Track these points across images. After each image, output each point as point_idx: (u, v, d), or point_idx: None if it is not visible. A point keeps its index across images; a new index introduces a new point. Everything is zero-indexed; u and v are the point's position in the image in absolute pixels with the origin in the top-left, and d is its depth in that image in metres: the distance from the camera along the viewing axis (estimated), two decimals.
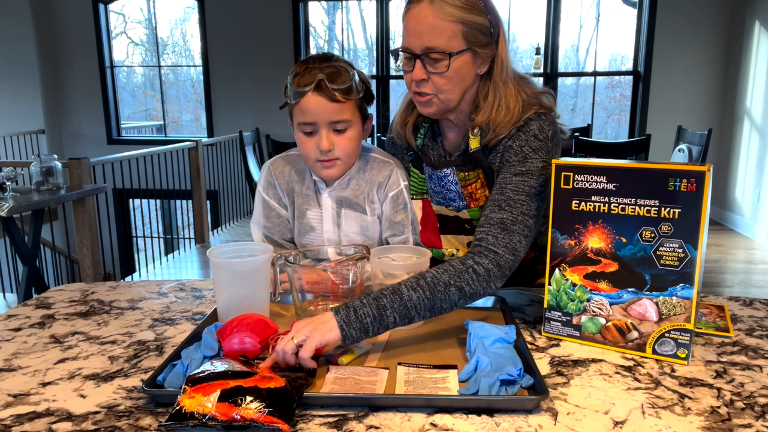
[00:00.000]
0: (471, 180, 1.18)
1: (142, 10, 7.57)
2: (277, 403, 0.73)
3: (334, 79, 1.14)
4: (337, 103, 1.15)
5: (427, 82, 1.10)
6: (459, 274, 0.99)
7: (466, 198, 1.20)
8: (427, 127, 1.25)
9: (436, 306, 0.97)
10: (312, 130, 1.17)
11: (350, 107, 1.17)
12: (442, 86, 1.10)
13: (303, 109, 1.15)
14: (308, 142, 1.19)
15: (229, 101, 6.48)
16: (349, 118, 1.18)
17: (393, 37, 6.35)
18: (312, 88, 1.13)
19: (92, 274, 3.72)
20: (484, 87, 1.14)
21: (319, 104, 1.14)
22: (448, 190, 1.22)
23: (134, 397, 0.82)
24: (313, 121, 1.16)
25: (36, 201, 3.19)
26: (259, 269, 1.05)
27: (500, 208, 1.07)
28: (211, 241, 5.26)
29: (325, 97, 1.14)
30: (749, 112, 5.13)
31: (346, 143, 1.19)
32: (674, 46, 5.57)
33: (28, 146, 6.42)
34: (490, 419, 0.76)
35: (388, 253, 1.11)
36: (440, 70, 1.08)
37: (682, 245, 0.89)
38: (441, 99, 1.12)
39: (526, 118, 1.12)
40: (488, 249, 1.02)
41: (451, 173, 1.20)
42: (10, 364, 0.94)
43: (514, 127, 1.12)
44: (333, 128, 1.17)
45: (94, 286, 1.34)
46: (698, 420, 0.76)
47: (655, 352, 0.93)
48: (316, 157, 1.19)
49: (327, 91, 1.13)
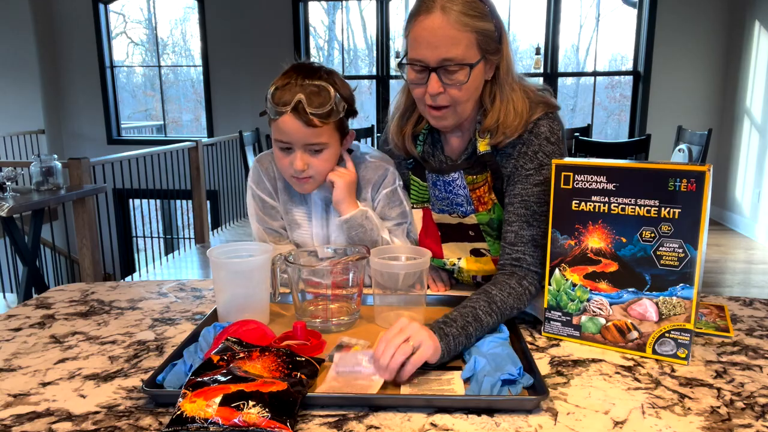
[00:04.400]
0: (479, 183, 1.16)
1: (142, 10, 7.57)
2: (279, 407, 0.73)
3: (312, 101, 1.10)
4: (314, 128, 1.11)
5: (443, 95, 1.07)
6: (519, 297, 1.04)
7: (474, 202, 1.18)
8: (426, 134, 1.23)
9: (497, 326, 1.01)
10: (287, 147, 1.15)
11: (327, 130, 1.13)
12: (460, 98, 1.08)
13: (280, 128, 1.13)
14: (283, 158, 1.17)
15: (229, 101, 6.48)
16: (326, 141, 1.14)
17: (393, 37, 6.35)
18: (289, 109, 1.10)
19: (92, 274, 3.72)
20: (490, 90, 1.13)
21: (294, 127, 1.11)
22: (455, 194, 1.19)
23: (134, 397, 0.82)
24: (288, 141, 1.14)
25: (36, 201, 3.19)
26: (259, 269, 1.05)
27: (529, 224, 1.09)
28: (211, 241, 5.26)
29: (301, 121, 1.10)
30: (749, 112, 5.13)
31: (321, 164, 1.17)
32: (674, 46, 5.57)
33: (28, 146, 6.42)
34: (490, 419, 0.76)
35: (388, 253, 1.11)
36: (458, 81, 1.05)
37: (682, 245, 0.89)
38: (458, 111, 1.10)
39: (535, 118, 1.11)
40: (530, 270, 1.08)
41: (459, 177, 1.17)
42: (10, 364, 0.94)
43: (525, 130, 1.11)
44: (309, 149, 1.15)
45: (94, 286, 1.34)
46: (698, 420, 0.76)
47: (655, 352, 0.93)
48: (290, 173, 1.18)
49: (304, 114, 1.09)
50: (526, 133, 1.11)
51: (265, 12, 6.20)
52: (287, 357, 0.84)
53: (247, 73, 6.34)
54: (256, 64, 6.30)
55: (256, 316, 1.03)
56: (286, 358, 0.84)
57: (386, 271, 1.05)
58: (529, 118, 1.11)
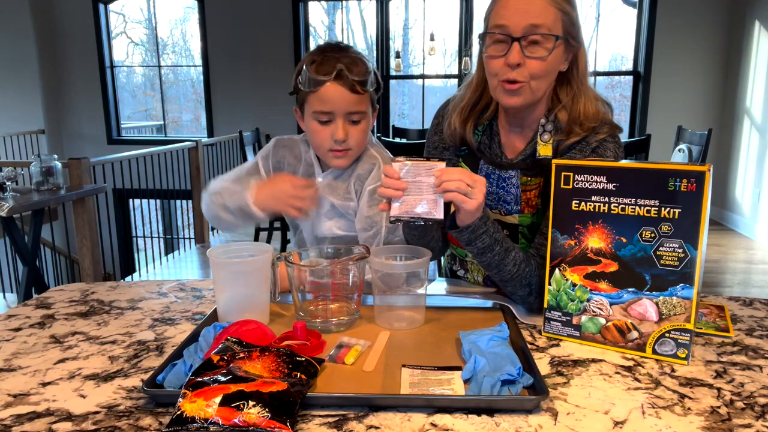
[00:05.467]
0: (531, 186, 1.16)
1: (142, 10, 7.57)
2: (279, 407, 0.73)
3: (353, 70, 1.15)
4: (356, 94, 1.16)
5: (521, 67, 1.05)
6: (530, 260, 1.11)
7: (522, 203, 1.17)
8: (485, 127, 1.21)
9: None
10: (328, 119, 1.18)
11: (366, 99, 1.19)
12: (538, 72, 1.05)
13: (322, 97, 1.16)
14: (322, 130, 1.19)
15: (229, 101, 6.48)
16: (365, 110, 1.19)
17: (393, 37, 6.35)
18: (332, 77, 1.14)
19: (92, 274, 3.72)
20: (565, 85, 1.12)
21: (338, 94, 1.15)
22: (506, 192, 1.18)
23: (134, 397, 0.82)
24: (331, 110, 1.17)
25: (36, 201, 3.19)
26: (259, 269, 1.05)
27: None
28: (211, 241, 5.26)
29: (345, 86, 1.15)
30: (749, 112, 5.13)
31: (359, 134, 1.21)
32: (674, 46, 5.57)
33: (28, 146, 6.42)
34: (490, 419, 0.76)
35: (388, 253, 1.11)
36: (540, 55, 1.04)
37: (682, 245, 0.89)
38: (533, 87, 1.07)
39: (601, 138, 1.11)
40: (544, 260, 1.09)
41: (515, 176, 1.16)
42: (10, 364, 0.94)
43: (589, 148, 1.11)
44: (349, 119, 1.18)
45: (94, 286, 1.34)
46: (698, 420, 0.76)
47: (655, 352, 0.93)
48: (330, 146, 1.20)
49: (347, 81, 1.14)
50: (590, 150, 1.11)
51: (265, 12, 6.20)
52: (287, 357, 0.84)
53: (247, 73, 6.35)
54: (256, 64, 6.30)
55: (256, 316, 1.03)
56: (286, 358, 0.84)
57: (386, 271, 1.05)
58: (594, 127, 1.11)
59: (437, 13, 6.55)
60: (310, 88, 1.16)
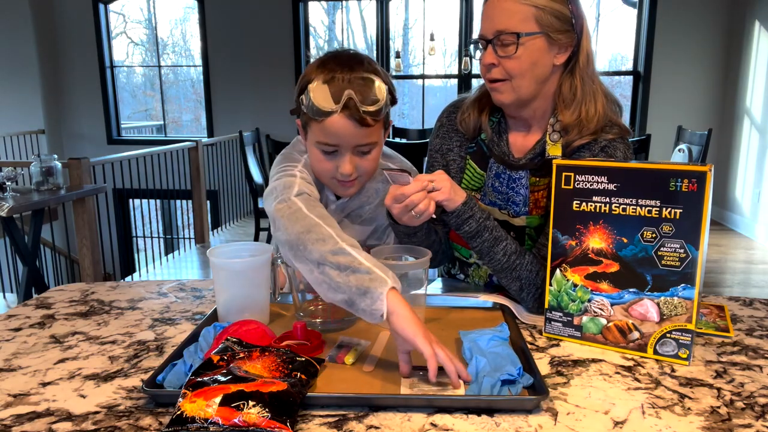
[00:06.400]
0: (540, 187, 1.15)
1: (142, 10, 7.57)
2: (280, 407, 0.73)
3: (365, 96, 0.98)
4: (367, 128, 0.99)
5: (497, 67, 1.09)
6: (524, 255, 1.12)
7: (530, 204, 1.16)
8: (495, 122, 1.21)
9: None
10: (333, 150, 1.03)
11: (378, 127, 1.03)
12: (513, 70, 1.08)
13: (326, 130, 1.00)
14: (325, 161, 1.05)
15: (229, 101, 6.48)
16: (376, 140, 1.04)
17: (393, 37, 6.35)
18: (339, 108, 0.97)
19: (92, 274, 3.72)
20: (570, 83, 1.12)
21: (346, 128, 0.99)
22: (515, 192, 1.17)
23: (134, 397, 0.82)
24: (337, 144, 1.02)
25: (36, 201, 3.19)
26: (259, 269, 1.05)
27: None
28: (211, 241, 5.26)
29: (353, 120, 0.98)
30: (749, 111, 5.13)
31: (369, 164, 1.07)
32: (674, 46, 5.57)
33: (28, 146, 6.42)
34: (490, 419, 0.76)
35: (389, 253, 1.10)
36: (510, 53, 1.07)
37: (683, 245, 0.89)
38: (513, 86, 1.10)
39: (610, 138, 1.11)
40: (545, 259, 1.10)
41: (525, 176, 1.16)
42: (10, 364, 0.94)
43: (598, 147, 1.11)
44: (358, 151, 1.04)
45: (94, 286, 1.34)
46: (698, 420, 0.76)
47: (656, 353, 0.93)
48: (333, 176, 1.07)
49: (356, 113, 0.97)
50: (599, 149, 1.11)
51: (265, 12, 6.20)
52: (287, 357, 0.84)
53: (247, 73, 6.35)
54: (256, 64, 6.30)
55: (256, 316, 1.03)
56: (286, 358, 0.84)
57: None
58: (601, 126, 1.11)
59: (437, 13, 6.56)
60: (314, 116, 0.99)
